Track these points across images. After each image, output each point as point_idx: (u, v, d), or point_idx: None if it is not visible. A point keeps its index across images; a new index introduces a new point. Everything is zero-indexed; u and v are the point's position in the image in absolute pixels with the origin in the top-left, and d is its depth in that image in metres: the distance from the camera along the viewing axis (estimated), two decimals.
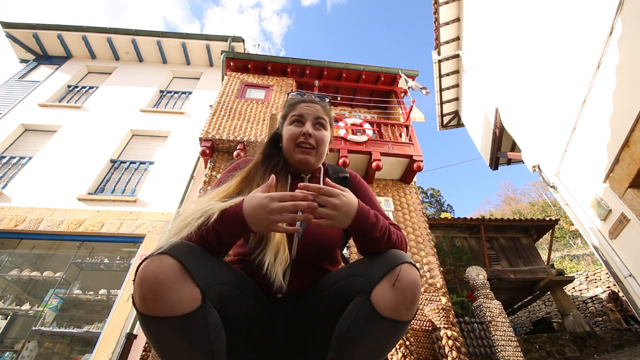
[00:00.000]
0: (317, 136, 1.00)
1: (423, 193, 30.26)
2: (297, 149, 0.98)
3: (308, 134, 0.98)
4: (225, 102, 5.80)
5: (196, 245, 0.69)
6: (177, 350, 0.60)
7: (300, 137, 0.98)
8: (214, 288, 0.65)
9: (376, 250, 0.78)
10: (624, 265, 3.51)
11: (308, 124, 1.00)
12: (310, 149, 0.99)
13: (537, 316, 10.27)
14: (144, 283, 0.57)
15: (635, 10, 2.90)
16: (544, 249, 12.61)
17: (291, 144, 0.99)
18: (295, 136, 0.99)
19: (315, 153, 1.00)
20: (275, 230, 0.71)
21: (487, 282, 4.79)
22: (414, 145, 5.42)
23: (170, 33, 7.92)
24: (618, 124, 3.20)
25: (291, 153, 0.99)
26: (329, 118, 1.06)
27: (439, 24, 6.37)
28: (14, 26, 7.59)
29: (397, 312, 0.67)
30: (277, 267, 0.77)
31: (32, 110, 6.54)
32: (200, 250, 0.69)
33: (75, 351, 4.34)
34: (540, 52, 4.42)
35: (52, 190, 5.07)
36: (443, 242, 8.21)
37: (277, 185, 0.93)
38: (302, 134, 0.98)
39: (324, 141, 1.02)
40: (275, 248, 0.79)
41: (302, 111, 1.02)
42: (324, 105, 1.07)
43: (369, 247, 0.80)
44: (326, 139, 1.03)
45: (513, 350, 4.09)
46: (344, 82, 6.95)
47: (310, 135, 0.98)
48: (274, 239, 0.80)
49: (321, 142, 1.01)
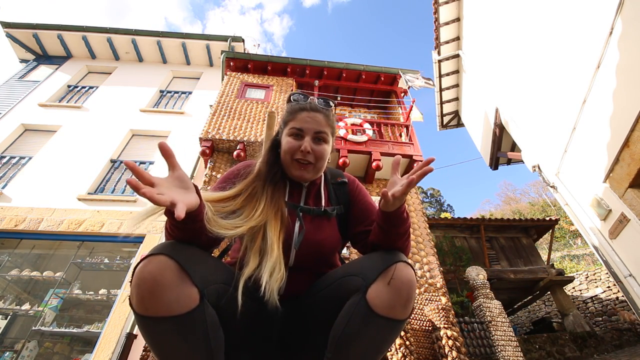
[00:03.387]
0: (316, 151, 0.94)
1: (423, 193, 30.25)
2: (295, 163, 0.93)
3: (307, 151, 0.92)
4: (225, 102, 5.80)
5: (193, 245, 0.69)
6: (176, 350, 0.60)
7: (298, 154, 0.93)
8: (211, 287, 0.65)
9: (393, 245, 0.79)
10: (624, 265, 3.51)
11: (307, 139, 0.94)
12: (307, 164, 0.94)
13: (537, 316, 10.26)
14: (141, 284, 0.57)
15: (635, 10, 2.89)
16: (544, 249, 12.61)
17: (288, 158, 0.94)
18: (293, 150, 0.93)
19: (312, 168, 0.95)
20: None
21: (487, 282, 4.79)
22: (414, 145, 5.42)
23: (171, 33, 7.92)
24: (618, 123, 3.20)
25: (288, 167, 0.95)
26: (331, 129, 0.99)
27: (439, 23, 6.37)
28: (14, 26, 7.60)
29: (393, 310, 0.67)
30: (272, 285, 0.73)
31: (32, 110, 6.54)
32: (198, 250, 0.69)
33: (75, 351, 4.34)
34: (540, 51, 4.42)
35: (52, 190, 5.07)
36: (443, 242, 8.21)
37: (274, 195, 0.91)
38: (300, 151, 0.92)
39: (323, 156, 0.96)
40: (272, 267, 0.75)
41: (302, 124, 0.95)
42: (327, 114, 0.99)
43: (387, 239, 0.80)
44: (326, 153, 0.97)
45: (513, 350, 4.09)
46: (344, 82, 6.95)
47: (308, 152, 0.92)
48: (272, 253, 0.77)
49: (320, 157, 0.95)
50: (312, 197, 1.00)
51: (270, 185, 0.93)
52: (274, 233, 0.81)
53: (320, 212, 0.94)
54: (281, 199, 0.91)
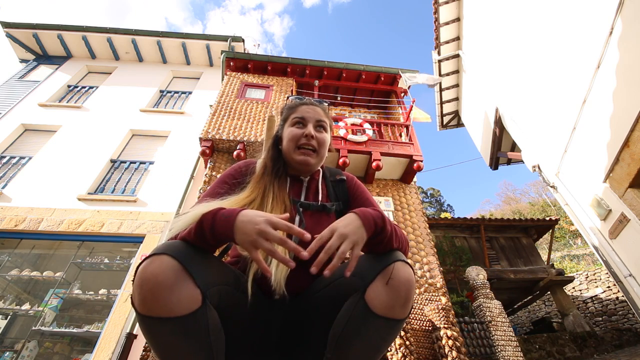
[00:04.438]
0: (318, 138, 1.01)
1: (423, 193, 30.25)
2: (298, 150, 0.99)
3: (310, 136, 0.99)
4: (225, 102, 5.80)
5: (195, 246, 0.69)
6: (177, 352, 0.60)
7: (302, 139, 0.99)
8: (214, 288, 0.65)
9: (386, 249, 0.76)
10: (624, 265, 3.51)
11: (310, 125, 1.01)
12: (311, 150, 0.99)
13: (537, 316, 10.26)
14: (144, 284, 0.57)
15: (635, 10, 2.89)
16: (544, 249, 12.61)
17: (292, 145, 0.99)
18: (297, 137, 0.99)
19: (316, 155, 1.01)
20: (258, 247, 0.64)
21: (487, 282, 4.79)
22: (414, 145, 5.42)
23: (171, 33, 7.91)
24: (618, 123, 3.20)
25: (291, 154, 0.99)
26: (329, 121, 1.08)
27: (439, 23, 6.38)
28: (14, 26, 7.59)
29: (392, 310, 0.67)
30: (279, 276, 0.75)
31: (32, 110, 6.53)
32: (200, 250, 0.68)
33: (75, 351, 4.34)
34: (540, 51, 4.42)
35: (52, 190, 5.07)
36: (443, 242, 8.21)
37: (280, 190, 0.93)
38: (304, 136, 0.99)
39: (325, 143, 1.03)
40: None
41: (303, 114, 1.03)
42: (324, 108, 1.08)
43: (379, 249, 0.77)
44: (327, 142, 1.04)
45: (513, 350, 4.09)
46: (344, 82, 6.95)
47: (312, 137, 0.99)
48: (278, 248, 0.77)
49: (322, 144, 1.02)
50: (312, 193, 1.02)
51: (275, 179, 0.96)
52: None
53: (319, 207, 0.96)
54: (285, 194, 0.93)
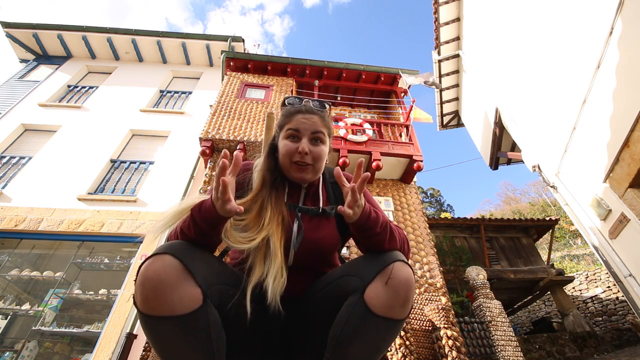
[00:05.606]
0: (314, 152, 0.94)
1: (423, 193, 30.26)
2: (293, 166, 0.93)
3: (304, 152, 0.92)
4: (225, 102, 5.80)
5: (196, 245, 0.69)
6: (178, 350, 0.60)
7: (296, 155, 0.92)
8: (214, 288, 0.65)
9: (379, 248, 0.78)
10: (624, 265, 3.51)
11: (304, 140, 0.93)
12: (306, 166, 0.93)
13: (537, 316, 10.27)
14: (146, 283, 0.58)
15: (635, 10, 2.90)
16: (544, 249, 12.61)
17: (287, 161, 0.94)
18: (291, 153, 0.93)
19: (311, 170, 0.94)
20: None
21: (487, 282, 4.79)
22: (414, 145, 5.42)
23: (170, 33, 7.91)
24: (618, 123, 3.20)
25: (287, 169, 0.95)
26: (327, 130, 0.99)
27: (439, 23, 6.38)
28: (14, 26, 7.59)
29: (391, 310, 0.67)
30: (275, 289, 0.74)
31: (32, 110, 6.53)
32: (201, 250, 0.69)
33: (75, 351, 4.34)
34: (540, 51, 4.42)
35: (52, 190, 5.07)
36: (443, 242, 8.21)
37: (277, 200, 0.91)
38: (298, 152, 0.92)
39: (321, 157, 0.96)
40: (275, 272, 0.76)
41: (298, 125, 0.95)
42: (322, 116, 0.99)
43: (371, 244, 0.79)
44: (324, 154, 0.97)
45: (513, 350, 4.09)
46: (344, 82, 6.95)
47: (306, 154, 0.92)
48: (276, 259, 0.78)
49: (318, 159, 0.95)
50: (311, 197, 1.00)
51: (273, 190, 0.93)
52: (277, 238, 0.81)
53: (318, 212, 0.94)
54: (282, 203, 0.92)
